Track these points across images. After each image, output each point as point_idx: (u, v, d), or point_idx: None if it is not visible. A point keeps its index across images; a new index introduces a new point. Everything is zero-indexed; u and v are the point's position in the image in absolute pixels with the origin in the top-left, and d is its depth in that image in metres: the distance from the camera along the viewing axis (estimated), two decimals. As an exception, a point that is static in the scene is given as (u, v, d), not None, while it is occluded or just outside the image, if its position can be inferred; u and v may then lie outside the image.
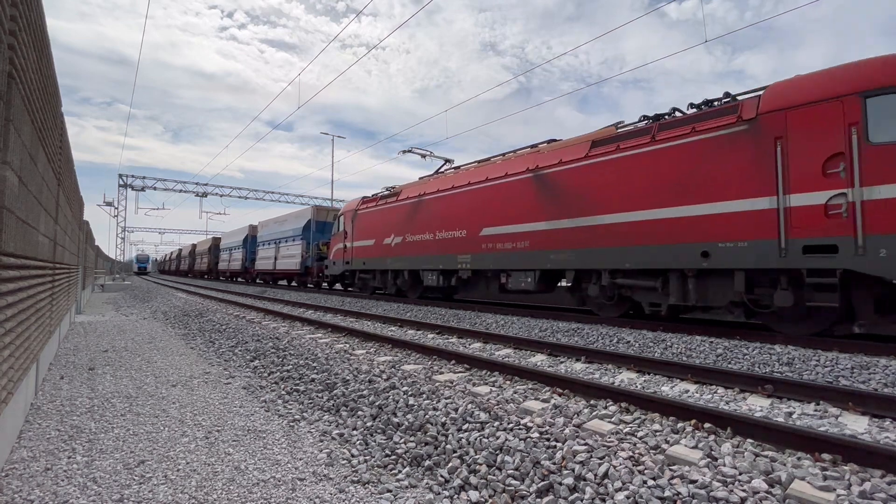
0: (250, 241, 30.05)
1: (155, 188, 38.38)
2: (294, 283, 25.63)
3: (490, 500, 2.33)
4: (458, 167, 12.61)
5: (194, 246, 46.47)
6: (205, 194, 39.73)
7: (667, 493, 2.12)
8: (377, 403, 3.61)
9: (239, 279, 34.78)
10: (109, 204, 40.01)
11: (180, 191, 39.15)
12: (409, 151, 15.30)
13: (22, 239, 2.74)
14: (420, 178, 13.98)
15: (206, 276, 42.16)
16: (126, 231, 42.08)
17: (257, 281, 30.05)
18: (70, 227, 7.17)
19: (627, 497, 2.13)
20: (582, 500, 2.19)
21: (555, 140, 9.90)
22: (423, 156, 15.41)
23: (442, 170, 14.01)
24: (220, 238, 37.77)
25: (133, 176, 38.01)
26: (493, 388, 4.17)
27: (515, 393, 4.02)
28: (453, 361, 5.34)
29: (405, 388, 3.83)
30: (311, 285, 22.52)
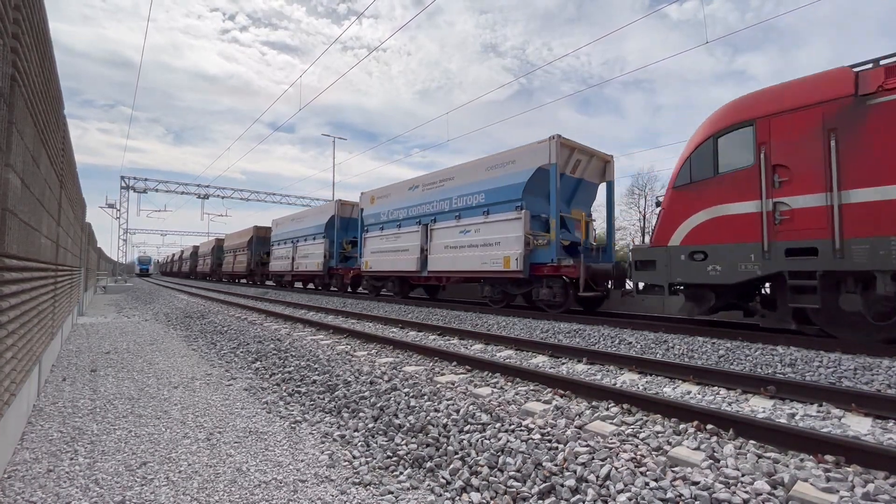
0: (338, 227, 18.77)
1: (157, 190, 38.47)
2: (488, 301, 10.95)
3: (492, 502, 2.33)
4: None
5: (219, 241, 36.40)
6: (206, 196, 39.80)
7: (669, 495, 2.12)
8: (378, 405, 3.61)
9: (301, 284, 22.96)
10: (111, 206, 40.10)
11: (182, 192, 39.25)
12: None
13: (24, 241, 2.75)
14: None
15: (242, 281, 31.30)
16: (128, 233, 42.12)
17: (351, 289, 18.36)
18: (72, 229, 7.19)
19: (629, 499, 2.13)
20: (584, 502, 2.18)
21: None
22: None
23: None
24: (267, 228, 27.33)
25: (135, 178, 38.07)
26: (495, 390, 4.17)
27: (517, 394, 4.01)
28: (455, 363, 5.33)
29: (406, 390, 3.83)
30: (549, 306, 9.60)
